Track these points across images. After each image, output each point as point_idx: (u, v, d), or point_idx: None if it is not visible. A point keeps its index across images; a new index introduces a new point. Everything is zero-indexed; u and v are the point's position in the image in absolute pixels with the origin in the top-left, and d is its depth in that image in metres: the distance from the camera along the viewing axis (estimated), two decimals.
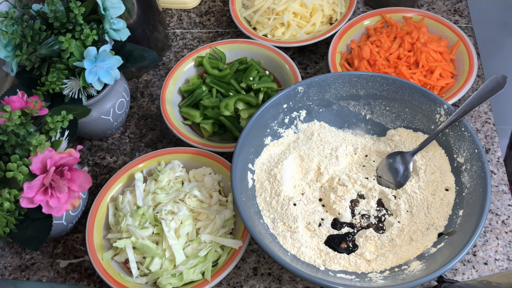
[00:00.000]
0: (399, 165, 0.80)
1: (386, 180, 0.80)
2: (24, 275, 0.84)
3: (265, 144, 0.83)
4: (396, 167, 0.80)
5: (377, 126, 0.86)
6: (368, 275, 0.72)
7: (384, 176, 0.81)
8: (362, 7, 1.11)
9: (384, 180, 0.81)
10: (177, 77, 0.98)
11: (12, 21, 0.81)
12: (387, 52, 0.96)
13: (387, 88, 0.83)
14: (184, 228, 0.78)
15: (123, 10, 0.85)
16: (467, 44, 0.93)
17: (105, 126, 0.92)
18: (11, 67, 0.85)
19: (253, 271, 0.81)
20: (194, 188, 0.82)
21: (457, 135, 0.78)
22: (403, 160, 0.80)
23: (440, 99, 0.79)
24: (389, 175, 0.80)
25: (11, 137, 0.71)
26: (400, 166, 0.80)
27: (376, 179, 0.81)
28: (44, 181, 0.71)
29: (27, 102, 0.78)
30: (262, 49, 0.99)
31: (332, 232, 0.78)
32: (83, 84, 0.82)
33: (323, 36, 1.00)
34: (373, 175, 0.82)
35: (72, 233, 0.87)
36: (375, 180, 0.81)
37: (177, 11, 1.16)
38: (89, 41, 0.81)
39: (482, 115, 0.93)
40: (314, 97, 0.85)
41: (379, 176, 0.81)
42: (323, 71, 1.03)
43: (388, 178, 0.80)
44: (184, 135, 0.90)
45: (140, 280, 0.77)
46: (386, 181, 0.80)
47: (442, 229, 0.75)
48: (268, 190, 0.79)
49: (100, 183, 0.93)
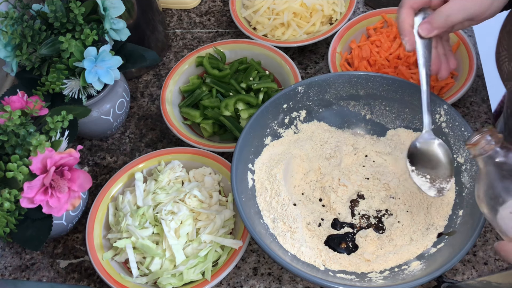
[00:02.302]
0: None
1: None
2: (24, 275, 0.84)
3: (265, 144, 0.83)
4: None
5: (377, 126, 0.86)
6: (368, 275, 0.72)
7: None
8: (362, 7, 1.11)
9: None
10: (177, 77, 0.98)
11: (12, 21, 0.81)
12: (387, 52, 0.96)
13: (387, 88, 0.83)
14: (184, 228, 0.78)
15: (123, 10, 0.85)
16: (467, 44, 0.93)
17: (105, 126, 0.92)
18: (11, 67, 0.85)
19: (253, 271, 0.81)
20: (194, 188, 0.82)
21: (457, 135, 0.78)
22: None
23: (440, 99, 0.79)
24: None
25: (11, 137, 0.71)
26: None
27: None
28: (44, 181, 0.71)
29: (27, 102, 0.78)
30: (262, 49, 0.99)
31: (332, 232, 0.78)
32: (83, 84, 0.82)
33: (323, 36, 1.00)
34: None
35: (72, 233, 0.87)
36: (376, 180, 0.81)
37: (177, 11, 1.16)
38: (89, 41, 0.81)
39: (482, 115, 0.93)
40: (314, 97, 0.85)
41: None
42: (323, 71, 1.03)
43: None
44: (184, 135, 0.90)
45: (140, 280, 0.77)
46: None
47: (442, 229, 0.75)
48: (268, 190, 0.79)
49: (100, 183, 0.93)
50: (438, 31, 0.71)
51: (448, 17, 0.69)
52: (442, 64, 0.76)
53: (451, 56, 0.78)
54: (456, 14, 0.69)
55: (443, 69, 0.76)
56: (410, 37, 0.71)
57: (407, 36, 0.71)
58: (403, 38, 0.72)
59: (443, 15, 0.70)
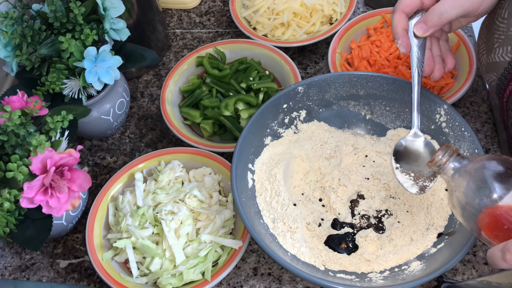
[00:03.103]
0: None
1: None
2: (24, 275, 0.84)
3: (265, 144, 0.83)
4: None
5: (377, 126, 0.86)
6: (368, 275, 0.72)
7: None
8: (362, 7, 1.11)
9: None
10: (177, 77, 0.98)
11: (12, 21, 0.81)
12: (387, 52, 0.96)
13: (387, 88, 0.83)
14: (184, 228, 0.78)
15: (123, 10, 0.85)
16: (467, 44, 0.93)
17: (105, 126, 0.92)
18: (11, 67, 0.85)
19: (253, 271, 0.81)
20: (194, 188, 0.82)
21: (457, 135, 0.78)
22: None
23: (440, 99, 0.79)
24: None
25: (11, 137, 0.71)
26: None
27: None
28: (44, 181, 0.71)
29: (27, 102, 0.78)
30: (262, 49, 0.99)
31: (332, 232, 0.78)
32: (83, 84, 0.82)
33: (323, 36, 1.00)
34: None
35: (72, 233, 0.87)
36: (376, 180, 0.81)
37: (177, 11, 1.16)
38: (89, 41, 0.81)
39: (482, 115, 0.93)
40: (314, 97, 0.85)
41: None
42: (323, 71, 1.03)
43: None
44: (184, 135, 0.90)
45: (140, 280, 0.77)
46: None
47: (442, 229, 0.75)
48: (268, 190, 0.79)
49: (100, 183, 0.93)
50: (433, 29, 0.72)
51: (441, 14, 0.70)
52: (436, 65, 0.77)
53: (449, 55, 0.78)
54: (449, 11, 0.70)
55: (437, 69, 0.77)
56: (403, 40, 0.73)
57: (401, 39, 0.73)
58: (397, 41, 0.73)
59: (436, 13, 0.71)
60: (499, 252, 0.56)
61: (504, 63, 0.76)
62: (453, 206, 0.64)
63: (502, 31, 0.75)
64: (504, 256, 0.56)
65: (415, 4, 0.73)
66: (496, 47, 0.76)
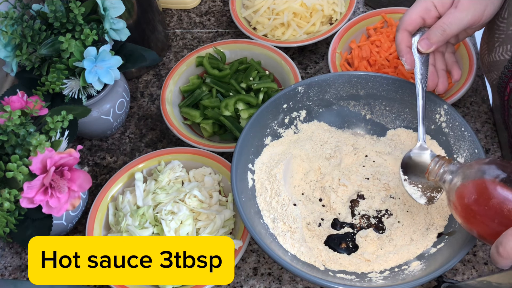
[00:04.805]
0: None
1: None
2: (24, 275, 0.84)
3: (265, 144, 0.83)
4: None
5: (377, 126, 0.86)
6: (368, 275, 0.72)
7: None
8: (362, 7, 1.11)
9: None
10: (177, 77, 0.98)
11: (12, 21, 0.81)
12: (387, 52, 0.96)
13: (387, 88, 0.83)
14: (184, 228, 0.78)
15: (123, 10, 0.85)
16: (467, 44, 0.93)
17: (105, 126, 0.92)
18: (11, 67, 0.85)
19: (253, 271, 0.81)
20: (194, 188, 0.82)
21: (457, 135, 0.78)
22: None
23: (440, 99, 0.79)
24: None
25: (11, 137, 0.71)
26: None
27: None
28: (44, 181, 0.71)
29: (27, 102, 0.78)
30: (262, 49, 0.99)
31: (332, 232, 0.78)
32: (83, 84, 0.82)
33: (323, 36, 1.00)
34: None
35: (72, 233, 0.87)
36: (376, 180, 0.81)
37: (177, 11, 1.16)
38: (89, 41, 0.81)
39: (482, 115, 0.93)
40: (314, 97, 0.85)
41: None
42: (323, 71, 1.03)
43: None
44: (184, 135, 0.90)
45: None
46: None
47: (442, 229, 0.75)
48: (268, 190, 0.79)
49: (100, 183, 0.93)
50: (436, 45, 0.75)
51: (444, 31, 0.73)
52: (440, 79, 0.79)
53: (456, 67, 0.80)
54: (451, 27, 0.73)
55: (440, 83, 0.79)
56: (408, 57, 0.75)
57: (405, 56, 0.75)
58: (402, 58, 0.75)
59: (439, 30, 0.73)
60: (494, 248, 0.58)
61: (504, 61, 0.76)
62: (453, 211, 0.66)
63: (502, 30, 0.76)
64: (498, 250, 0.58)
65: (417, 22, 0.75)
66: (497, 46, 0.77)
